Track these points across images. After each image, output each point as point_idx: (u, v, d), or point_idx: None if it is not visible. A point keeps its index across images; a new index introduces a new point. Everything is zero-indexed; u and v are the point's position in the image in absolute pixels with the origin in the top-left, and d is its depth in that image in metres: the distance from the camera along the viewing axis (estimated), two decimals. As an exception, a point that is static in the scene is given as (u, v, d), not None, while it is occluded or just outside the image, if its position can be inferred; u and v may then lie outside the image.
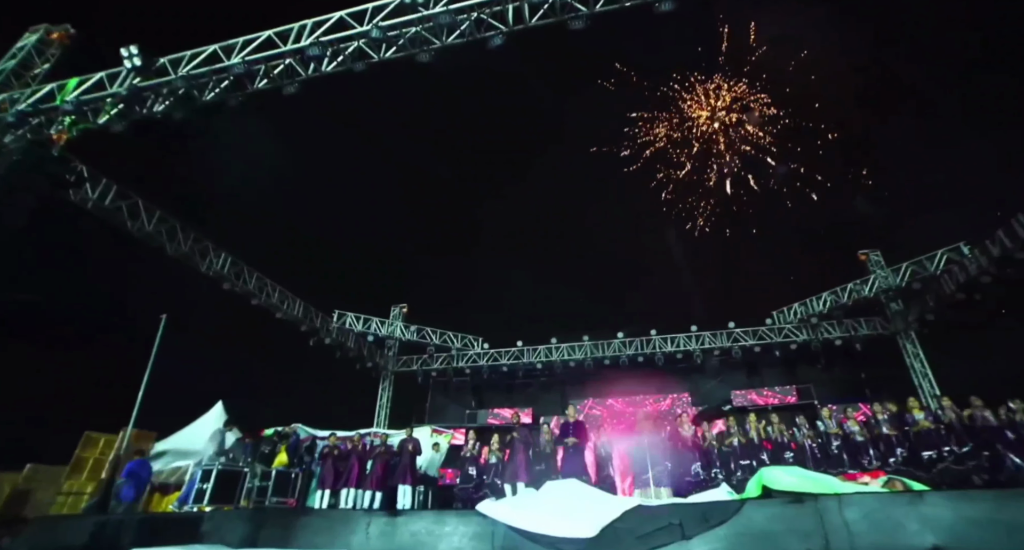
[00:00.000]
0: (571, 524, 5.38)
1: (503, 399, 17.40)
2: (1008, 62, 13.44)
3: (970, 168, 14.03)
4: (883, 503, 4.73)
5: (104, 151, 9.84)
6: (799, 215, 18.80)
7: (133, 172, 11.03)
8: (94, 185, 9.82)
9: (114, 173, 10.07)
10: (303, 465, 9.36)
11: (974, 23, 13.72)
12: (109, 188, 10.02)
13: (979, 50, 13.91)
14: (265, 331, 14.00)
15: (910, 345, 14.45)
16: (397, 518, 6.57)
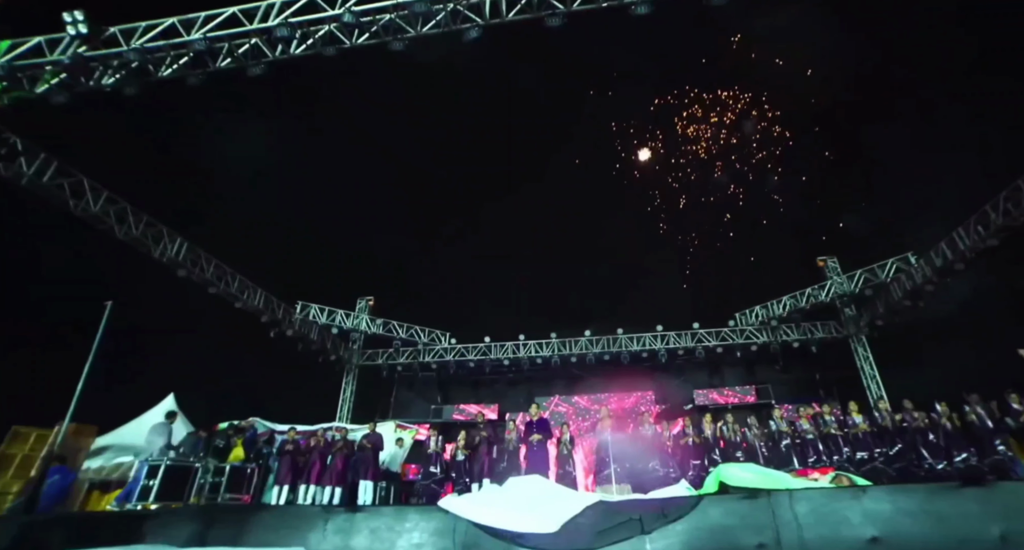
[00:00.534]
0: (533, 519, 5.40)
1: (469, 395, 17.34)
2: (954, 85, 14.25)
3: (919, 182, 14.78)
4: (830, 498, 4.97)
5: (45, 124, 9.16)
6: (765, 221, 19.43)
7: (79, 149, 10.32)
8: (30, 160, 9.06)
9: (56, 148, 9.37)
10: (260, 460, 9.06)
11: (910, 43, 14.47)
12: (49, 164, 9.29)
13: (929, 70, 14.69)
14: (222, 321, 13.45)
15: (861, 348, 15.17)
16: (356, 514, 6.43)
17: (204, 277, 12.06)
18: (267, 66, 8.63)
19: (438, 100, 19.15)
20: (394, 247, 19.11)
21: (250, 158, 15.95)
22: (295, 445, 8.74)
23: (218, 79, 8.80)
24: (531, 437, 7.93)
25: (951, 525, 4.45)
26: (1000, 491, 4.69)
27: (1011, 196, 10.77)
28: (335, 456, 8.41)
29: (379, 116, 18.88)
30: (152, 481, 7.03)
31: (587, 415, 16.03)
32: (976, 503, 4.56)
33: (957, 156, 13.53)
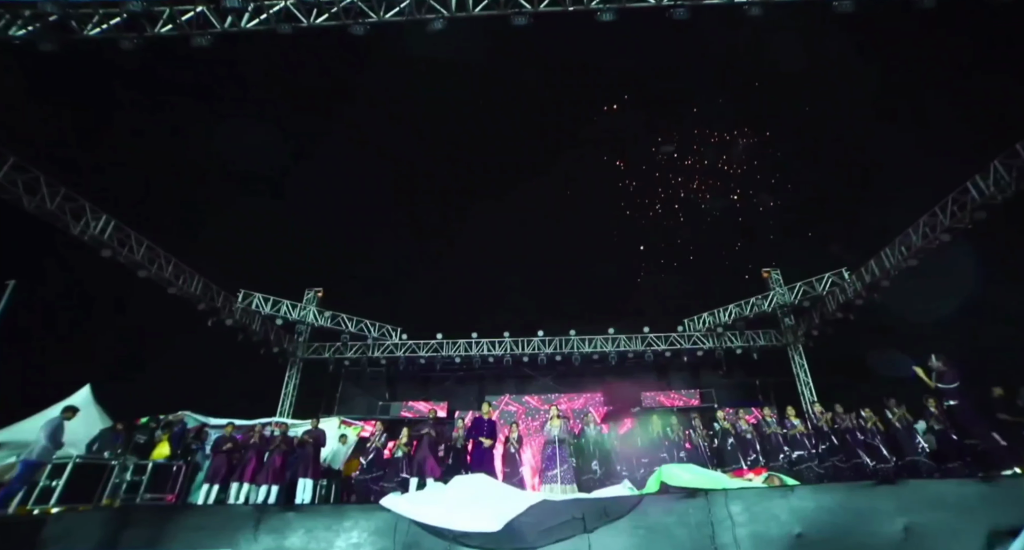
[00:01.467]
0: (476, 518, 5.33)
1: (418, 392, 17.02)
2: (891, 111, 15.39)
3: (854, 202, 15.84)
4: (761, 497, 5.22)
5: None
6: (716, 231, 20.24)
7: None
8: None
9: None
10: (188, 457, 8.47)
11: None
12: None
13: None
14: (153, 308, 12.46)
15: (797, 356, 16.08)
16: (291, 513, 6.11)
17: (133, 259, 11.12)
18: (214, 38, 8.08)
19: (403, 90, 18.72)
20: (348, 238, 18.45)
21: (194, 136, 14.95)
22: (232, 441, 8.23)
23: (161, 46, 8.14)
24: (480, 438, 7.85)
25: (864, 519, 4.88)
26: (907, 489, 5.16)
27: (928, 221, 11.76)
28: (273, 453, 7.97)
29: (336, 100, 18.18)
30: (56, 481, 6.35)
31: (537, 415, 16.11)
32: (886, 499, 5.01)
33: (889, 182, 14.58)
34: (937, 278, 12.26)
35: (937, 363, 7.20)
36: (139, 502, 7.26)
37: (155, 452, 8.14)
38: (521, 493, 6.17)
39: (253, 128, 16.39)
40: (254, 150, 16.51)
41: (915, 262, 12.19)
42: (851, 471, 7.52)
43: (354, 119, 18.37)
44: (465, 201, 20.05)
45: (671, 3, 8.47)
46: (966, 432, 7.02)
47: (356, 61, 16.13)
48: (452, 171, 19.78)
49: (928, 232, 11.76)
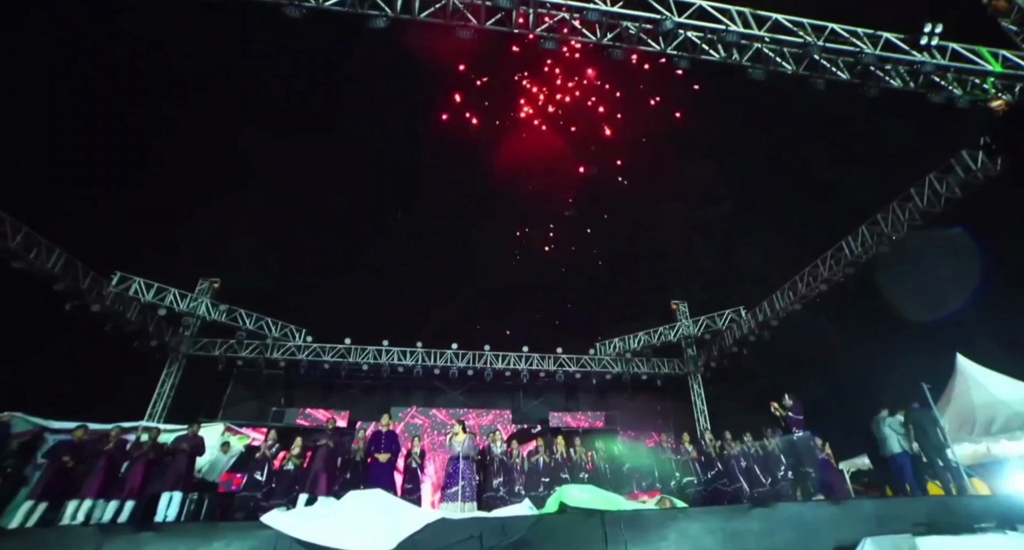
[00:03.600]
0: (367, 536, 4.99)
1: (318, 399, 15.89)
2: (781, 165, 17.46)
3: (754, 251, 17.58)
4: (653, 519, 5.50)
5: None
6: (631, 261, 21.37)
7: None
8: None
9: None
10: (7, 468, 6.96)
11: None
12: None
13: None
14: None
15: (696, 385, 17.29)
16: (147, 533, 5.31)
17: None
18: None
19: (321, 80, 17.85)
20: (255, 228, 16.97)
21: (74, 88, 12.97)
22: (76, 446, 6.90)
23: None
24: (378, 453, 7.42)
25: (740, 540, 5.34)
26: (775, 511, 5.77)
27: (812, 271, 13.40)
28: (136, 462, 6.85)
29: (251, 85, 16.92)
30: None
31: (443, 429, 15.69)
32: (759, 520, 5.56)
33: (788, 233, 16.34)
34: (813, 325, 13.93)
35: (789, 401, 8.15)
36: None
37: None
38: (418, 510, 5.91)
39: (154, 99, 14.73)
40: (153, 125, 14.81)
41: (799, 306, 13.74)
42: (732, 495, 8.09)
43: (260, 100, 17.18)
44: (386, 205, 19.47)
45: (609, 43, 8.97)
46: (804, 462, 7.96)
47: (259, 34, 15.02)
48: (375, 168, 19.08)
49: (811, 281, 13.35)
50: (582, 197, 21.43)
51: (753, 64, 9.14)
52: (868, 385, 11.48)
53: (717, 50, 9.14)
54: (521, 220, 21.66)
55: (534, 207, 21.49)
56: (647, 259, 20.71)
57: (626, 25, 8.89)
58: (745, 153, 18.35)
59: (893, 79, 9.27)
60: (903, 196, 11.35)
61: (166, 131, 15.40)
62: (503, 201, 20.90)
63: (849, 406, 10.17)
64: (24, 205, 10.28)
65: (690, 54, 9.12)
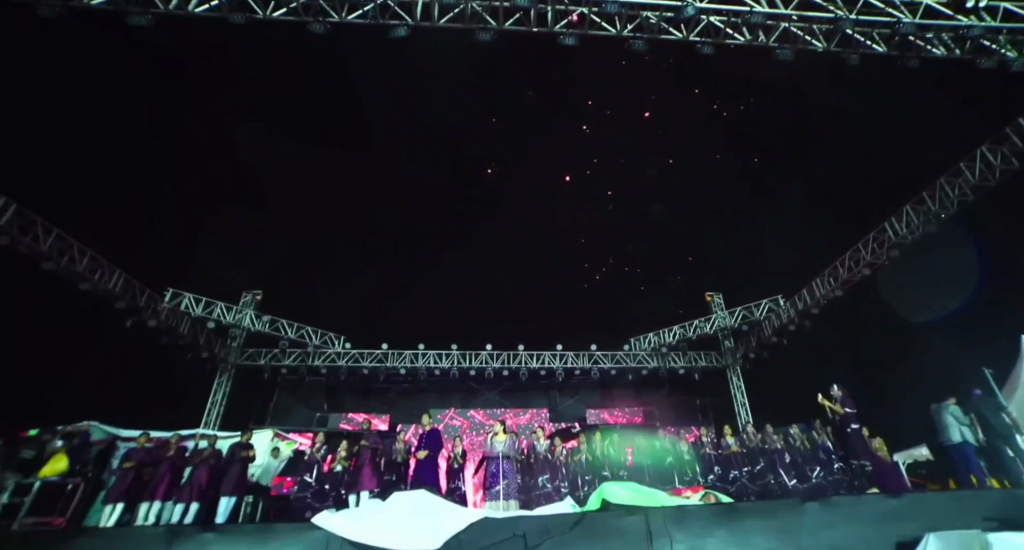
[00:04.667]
0: (413, 536, 5.12)
1: (359, 404, 16.33)
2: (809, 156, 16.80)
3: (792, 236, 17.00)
4: (698, 515, 5.41)
5: None
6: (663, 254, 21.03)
7: None
8: None
9: None
10: (88, 473, 7.54)
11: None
12: None
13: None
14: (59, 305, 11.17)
15: (735, 378, 16.84)
16: (210, 534, 5.63)
17: (37, 249, 9.97)
18: (154, 18, 7.59)
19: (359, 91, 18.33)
20: (291, 241, 17.63)
21: (119, 116, 13.80)
22: (144, 453, 7.42)
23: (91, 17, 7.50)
24: (418, 453, 7.60)
25: (793, 536, 5.14)
26: (830, 505, 5.54)
27: (853, 255, 12.82)
28: (199, 467, 7.28)
29: (283, 91, 17.54)
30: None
31: (482, 430, 15.86)
32: (812, 516, 5.35)
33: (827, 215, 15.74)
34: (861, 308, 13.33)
35: (838, 392, 7.82)
36: (17, 528, 6.35)
37: (47, 468, 7.16)
38: (462, 510, 6.01)
39: (189, 118, 15.47)
40: (190, 142, 15.57)
41: (840, 292, 13.19)
42: (781, 489, 7.88)
43: (297, 115, 17.79)
44: (416, 210, 19.82)
45: (630, 34, 8.86)
46: (859, 455, 7.62)
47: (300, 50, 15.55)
48: (407, 176, 19.49)
49: (853, 265, 12.79)
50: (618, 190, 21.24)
51: (780, 45, 8.86)
52: (921, 372, 10.91)
53: (742, 33, 8.89)
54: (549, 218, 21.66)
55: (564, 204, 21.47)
56: (678, 251, 20.35)
57: (646, 15, 8.77)
58: (774, 133, 17.76)
59: (936, 47, 8.74)
60: (952, 171, 10.72)
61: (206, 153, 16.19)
62: (532, 199, 20.99)
63: (902, 395, 9.71)
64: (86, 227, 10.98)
65: (714, 39, 8.91)
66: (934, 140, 12.30)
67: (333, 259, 18.24)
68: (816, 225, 15.06)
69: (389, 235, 19.49)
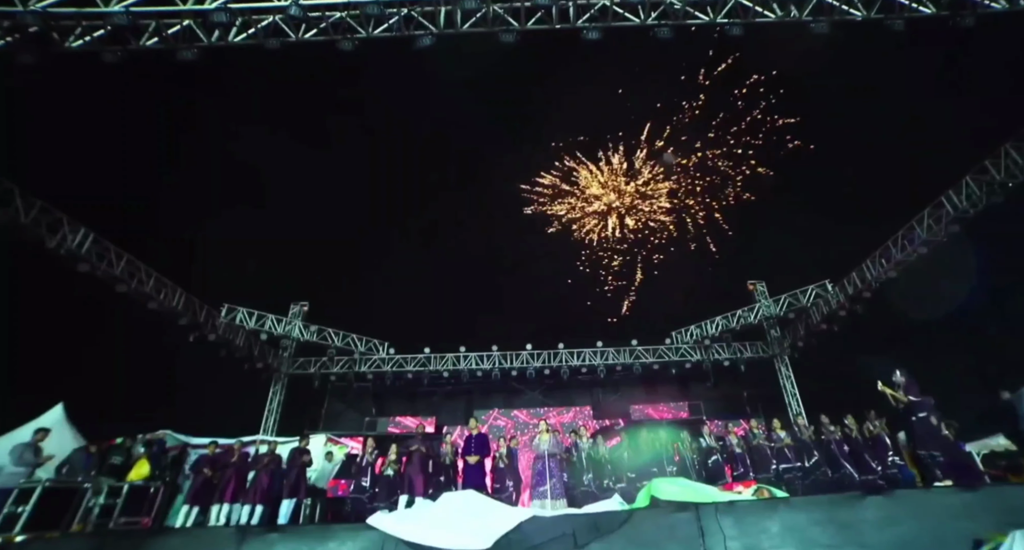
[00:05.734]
0: (464, 536, 5.25)
1: (405, 407, 16.78)
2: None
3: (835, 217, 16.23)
4: (752, 510, 5.25)
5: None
6: (702, 244, 20.55)
7: None
8: None
9: None
10: (167, 478, 8.18)
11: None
12: None
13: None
14: (131, 324, 12.14)
15: (784, 368, 16.23)
16: (274, 534, 5.96)
17: (112, 273, 10.85)
18: (200, 52, 8.07)
19: (394, 106, 18.81)
20: (334, 252, 18.35)
21: (176, 145, 14.80)
22: (214, 460, 7.98)
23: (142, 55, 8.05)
24: (468, 455, 7.75)
25: (854, 531, 4.90)
26: (893, 499, 5.24)
27: (907, 233, 12.09)
28: (261, 471, 7.75)
29: (325, 110, 18.21)
30: (22, 507, 6.04)
31: (526, 429, 15.96)
32: (874, 510, 5.08)
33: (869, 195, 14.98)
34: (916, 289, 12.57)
35: (901, 378, 7.36)
36: (113, 527, 6.96)
37: (132, 473, 7.84)
38: (511, 509, 6.09)
39: (236, 141, 16.32)
40: (238, 163, 16.43)
41: (895, 274, 12.48)
42: (837, 482, 7.56)
43: (340, 131, 18.42)
44: (453, 214, 20.13)
45: (655, 23, 8.71)
46: (928, 445, 7.14)
47: (347, 76, 16.17)
48: (440, 183, 19.86)
49: (907, 244, 12.07)
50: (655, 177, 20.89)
51: (815, 17, 8.48)
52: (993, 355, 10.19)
53: (773, 10, 8.58)
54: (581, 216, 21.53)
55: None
56: (717, 240, 19.80)
57: (671, 1, 8.61)
58: (814, 107, 16.96)
59: (995, 1, 8.14)
60: (1018, 136, 9.93)
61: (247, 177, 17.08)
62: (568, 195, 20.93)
63: (963, 382, 9.09)
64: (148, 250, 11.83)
65: (743, 19, 8.64)
66: (995, 107, 11.46)
67: (373, 268, 18.83)
68: (864, 204, 14.32)
69: (427, 242, 19.92)
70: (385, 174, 19.21)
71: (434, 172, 19.67)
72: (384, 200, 19.38)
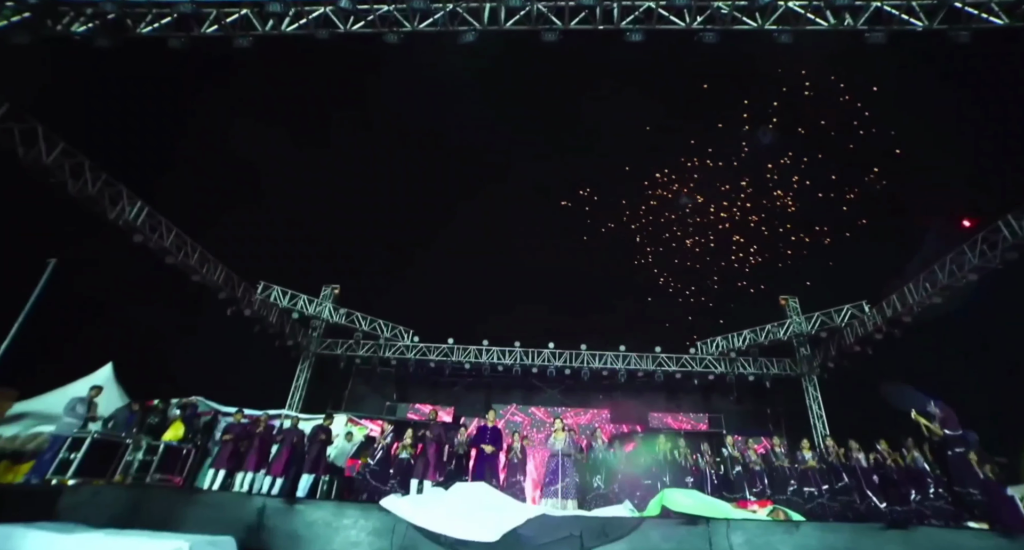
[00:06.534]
0: (474, 527, 5.34)
1: (426, 395, 17.09)
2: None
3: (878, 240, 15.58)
4: (765, 530, 5.13)
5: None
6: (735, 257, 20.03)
7: (42, 97, 9.60)
8: None
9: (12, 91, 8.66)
10: (198, 441, 8.66)
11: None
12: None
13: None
14: (176, 294, 12.81)
15: (811, 388, 15.69)
16: (295, 506, 6.21)
17: (162, 245, 11.47)
18: (255, 40, 8.39)
19: (426, 97, 19.05)
20: (367, 238, 18.80)
21: (229, 131, 15.43)
22: (240, 429, 8.39)
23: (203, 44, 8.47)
24: (483, 446, 7.86)
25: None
26: (919, 535, 4.97)
27: (956, 258, 11.45)
28: (283, 445, 8.10)
29: (368, 104, 18.62)
30: (74, 454, 6.59)
31: (542, 427, 16.04)
32: (896, 545, 4.84)
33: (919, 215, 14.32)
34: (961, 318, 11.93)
35: (936, 409, 7.03)
36: (149, 481, 7.44)
37: (168, 433, 8.33)
38: (521, 505, 6.17)
39: (283, 127, 16.89)
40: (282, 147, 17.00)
41: (939, 300, 11.88)
42: (862, 511, 7.31)
43: (387, 124, 18.80)
44: (487, 212, 20.27)
45: (700, 27, 8.53)
46: (965, 482, 6.79)
47: (379, 64, 16.47)
48: (478, 179, 20.00)
49: (955, 270, 11.46)
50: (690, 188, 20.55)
51: (871, 27, 8.13)
52: None
53: (825, 17, 8.28)
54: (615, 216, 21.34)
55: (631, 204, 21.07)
56: (751, 251, 19.27)
57: (718, 5, 8.41)
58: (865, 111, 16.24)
59: (994, 15, 7.63)
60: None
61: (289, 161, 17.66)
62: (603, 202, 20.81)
63: (1008, 418, 8.61)
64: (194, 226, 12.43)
65: (792, 26, 8.37)
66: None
67: (405, 257, 19.21)
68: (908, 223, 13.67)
69: (458, 234, 20.16)
70: (428, 168, 19.54)
71: (475, 168, 19.82)
72: (423, 193, 19.72)
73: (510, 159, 19.90)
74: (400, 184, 19.36)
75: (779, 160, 18.97)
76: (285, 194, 17.40)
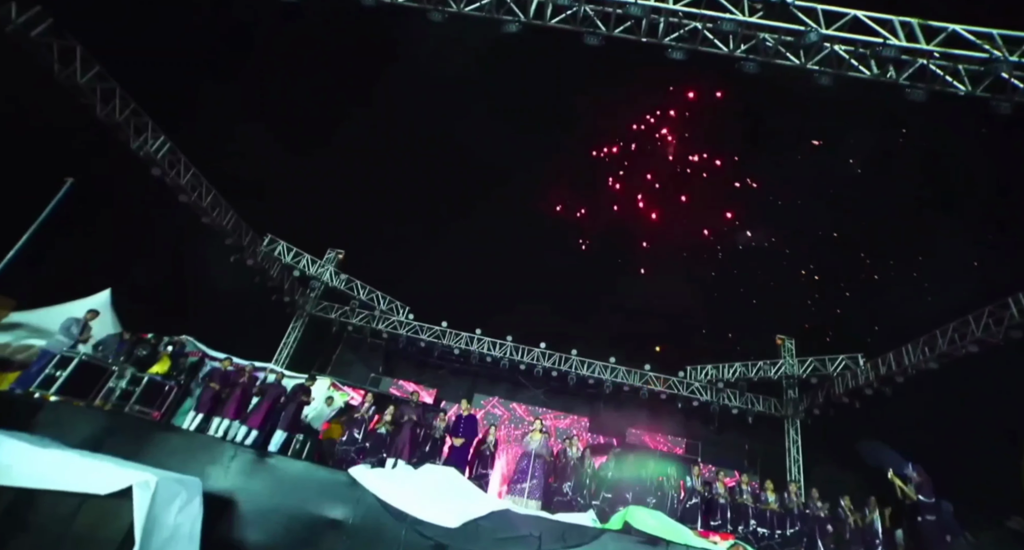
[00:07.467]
0: (437, 510, 5.40)
1: (411, 373, 17.16)
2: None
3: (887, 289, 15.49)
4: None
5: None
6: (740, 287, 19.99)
7: (85, 17, 9.55)
8: (19, 9, 8.19)
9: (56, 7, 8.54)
10: (180, 380, 8.73)
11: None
12: (41, 18, 8.46)
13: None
14: (183, 233, 12.85)
15: (793, 431, 15.67)
16: (266, 459, 6.29)
17: (178, 182, 11.46)
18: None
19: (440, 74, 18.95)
20: (381, 210, 18.80)
21: (270, 86, 15.41)
22: (225, 375, 8.44)
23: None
24: (453, 439, 7.93)
25: None
26: None
27: (959, 327, 11.35)
28: (264, 398, 8.15)
29: (401, 79, 18.55)
30: (60, 372, 6.66)
31: (521, 424, 16.09)
32: None
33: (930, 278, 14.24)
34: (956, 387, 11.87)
35: (914, 474, 7.03)
36: (127, 411, 7.52)
37: (154, 367, 8.41)
38: (487, 497, 6.21)
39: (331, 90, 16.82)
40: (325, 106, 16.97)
41: (936, 366, 11.83)
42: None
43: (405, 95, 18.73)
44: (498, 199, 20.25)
45: (743, 55, 8.44)
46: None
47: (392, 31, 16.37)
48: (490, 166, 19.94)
49: (957, 339, 11.38)
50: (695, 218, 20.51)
51: (913, 84, 8.03)
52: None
53: (869, 67, 8.18)
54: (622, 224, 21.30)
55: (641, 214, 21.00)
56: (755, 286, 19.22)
57: (763, 37, 8.32)
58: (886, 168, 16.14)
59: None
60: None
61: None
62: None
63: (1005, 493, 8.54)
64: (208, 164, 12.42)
65: (835, 70, 8.27)
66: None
67: (413, 233, 19.22)
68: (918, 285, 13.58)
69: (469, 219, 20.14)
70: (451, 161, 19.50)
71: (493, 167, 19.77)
72: (444, 183, 19.70)
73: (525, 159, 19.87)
74: (422, 170, 19.36)
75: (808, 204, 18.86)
76: (308, 153, 17.36)
